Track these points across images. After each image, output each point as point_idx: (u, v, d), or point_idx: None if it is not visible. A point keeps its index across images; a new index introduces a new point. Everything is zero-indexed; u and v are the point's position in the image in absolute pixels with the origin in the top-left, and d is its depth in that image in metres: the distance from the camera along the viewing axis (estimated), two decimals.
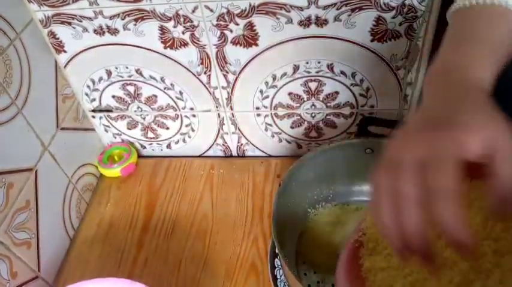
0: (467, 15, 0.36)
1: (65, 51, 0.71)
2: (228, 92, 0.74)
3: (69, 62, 0.72)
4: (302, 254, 0.64)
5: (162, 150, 0.88)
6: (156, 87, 0.75)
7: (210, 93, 0.74)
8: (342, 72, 0.68)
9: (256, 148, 0.85)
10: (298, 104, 0.74)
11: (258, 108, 0.76)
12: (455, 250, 0.26)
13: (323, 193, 0.68)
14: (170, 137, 0.85)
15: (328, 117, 0.76)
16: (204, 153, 0.88)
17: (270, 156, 0.86)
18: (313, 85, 0.70)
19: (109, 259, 0.71)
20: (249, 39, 0.65)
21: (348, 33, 0.62)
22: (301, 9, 0.60)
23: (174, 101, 0.77)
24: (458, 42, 0.35)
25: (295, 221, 0.65)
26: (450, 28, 0.37)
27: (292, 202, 0.65)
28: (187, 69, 0.71)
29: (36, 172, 0.66)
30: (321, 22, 0.61)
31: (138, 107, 0.79)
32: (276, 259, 0.64)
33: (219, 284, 0.66)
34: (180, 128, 0.83)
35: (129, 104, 0.79)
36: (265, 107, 0.75)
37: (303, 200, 0.67)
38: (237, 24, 0.63)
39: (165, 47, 0.68)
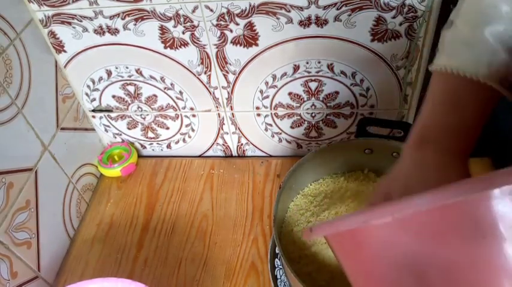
0: (446, 80, 0.39)
1: (65, 51, 0.71)
2: (228, 92, 0.74)
3: (69, 62, 0.72)
4: None
5: (162, 150, 0.88)
6: (156, 87, 0.75)
7: (210, 93, 0.74)
8: (342, 72, 0.68)
9: (256, 148, 0.85)
10: (298, 104, 0.74)
11: (258, 108, 0.76)
12: None
13: None
14: (170, 137, 0.85)
15: (328, 117, 0.76)
16: (204, 153, 0.88)
17: (270, 156, 0.86)
18: (313, 85, 0.70)
19: (109, 258, 0.71)
20: (249, 39, 0.65)
21: (348, 33, 0.62)
22: (301, 9, 0.60)
23: (174, 101, 0.77)
24: (438, 111, 0.39)
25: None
26: (431, 86, 0.41)
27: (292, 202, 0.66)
28: (188, 69, 0.71)
29: (36, 171, 0.66)
30: (321, 22, 0.61)
31: (138, 107, 0.79)
32: (276, 259, 0.64)
33: (219, 284, 0.66)
34: (180, 128, 0.83)
35: (129, 104, 0.79)
36: (265, 107, 0.75)
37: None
38: (237, 24, 0.63)
39: (165, 47, 0.68)
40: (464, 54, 0.37)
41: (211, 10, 0.61)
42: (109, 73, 0.73)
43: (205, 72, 0.71)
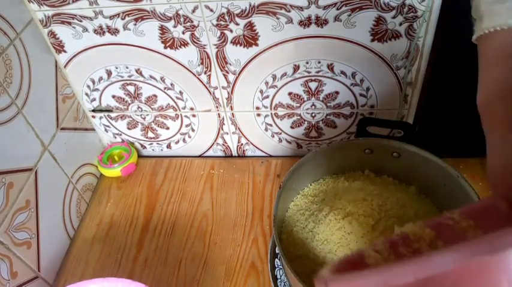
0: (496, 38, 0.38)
1: (65, 51, 0.71)
2: (228, 92, 0.74)
3: (69, 62, 0.72)
4: None
5: (162, 150, 0.88)
6: (156, 87, 0.75)
7: (210, 93, 0.74)
8: (342, 72, 0.68)
9: (256, 148, 0.85)
10: (298, 104, 0.74)
11: (258, 108, 0.76)
12: None
13: None
14: (170, 137, 0.85)
15: (328, 117, 0.76)
16: (204, 153, 0.88)
17: (270, 156, 0.86)
18: (313, 85, 0.70)
19: (109, 258, 0.71)
20: (249, 39, 0.65)
21: (348, 33, 0.62)
22: (301, 9, 0.60)
23: (174, 101, 0.77)
24: (502, 61, 0.38)
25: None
26: (483, 55, 0.40)
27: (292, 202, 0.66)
28: (188, 69, 0.71)
29: (36, 171, 0.66)
30: (321, 22, 0.61)
31: (138, 107, 0.79)
32: (276, 259, 0.64)
33: (219, 284, 0.66)
34: (180, 128, 0.83)
35: (129, 104, 0.79)
36: (265, 107, 0.75)
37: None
38: (237, 24, 0.63)
39: (165, 47, 0.68)
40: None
41: (211, 10, 0.61)
42: (109, 73, 0.74)
43: (205, 72, 0.71)
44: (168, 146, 0.87)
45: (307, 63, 0.67)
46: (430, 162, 0.58)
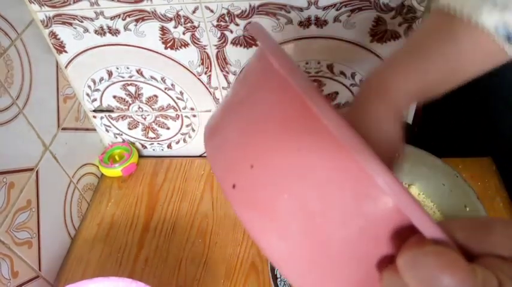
0: (439, 22, 0.31)
1: (66, 52, 0.71)
2: None
3: (70, 62, 0.73)
4: None
5: (162, 150, 0.89)
6: (157, 87, 0.75)
7: (211, 94, 0.74)
8: (342, 73, 0.68)
9: None
10: None
11: None
12: None
13: None
14: (171, 137, 0.85)
15: None
16: (204, 153, 0.88)
17: None
18: None
19: (110, 258, 0.71)
20: (250, 39, 0.65)
21: (348, 33, 0.62)
22: (301, 9, 0.60)
23: (175, 101, 0.77)
24: (407, 54, 0.32)
25: None
26: (423, 25, 0.33)
27: None
28: (188, 69, 0.71)
29: (37, 171, 0.66)
30: (320, 23, 0.61)
31: (139, 107, 0.80)
32: None
33: (219, 284, 0.66)
34: (181, 128, 0.83)
35: (130, 104, 0.79)
36: None
37: None
38: (238, 24, 0.63)
39: (166, 48, 0.68)
40: None
41: (212, 11, 0.62)
42: (110, 73, 0.74)
43: (205, 73, 0.71)
44: (169, 146, 0.88)
45: (306, 63, 0.67)
46: (429, 162, 0.58)
